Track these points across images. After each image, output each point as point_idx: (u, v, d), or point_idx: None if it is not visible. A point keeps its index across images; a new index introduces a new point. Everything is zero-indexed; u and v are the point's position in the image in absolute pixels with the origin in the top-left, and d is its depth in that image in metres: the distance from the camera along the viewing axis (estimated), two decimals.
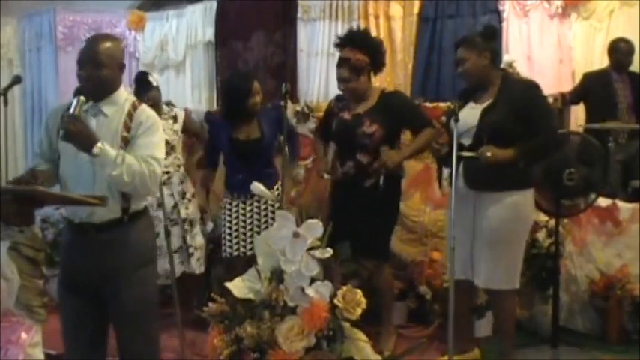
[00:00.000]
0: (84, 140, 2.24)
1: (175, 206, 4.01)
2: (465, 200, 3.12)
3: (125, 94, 2.46)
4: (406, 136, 4.22)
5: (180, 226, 4.02)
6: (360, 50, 3.51)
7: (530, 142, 3.04)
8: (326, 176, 3.69)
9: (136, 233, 2.42)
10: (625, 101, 4.89)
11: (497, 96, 3.11)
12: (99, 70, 2.34)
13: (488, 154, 3.00)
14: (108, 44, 2.39)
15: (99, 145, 2.24)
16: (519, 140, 3.03)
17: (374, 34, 5.58)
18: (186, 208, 4.08)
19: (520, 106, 3.04)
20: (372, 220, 3.48)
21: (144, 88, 4.00)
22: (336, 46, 3.64)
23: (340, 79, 3.53)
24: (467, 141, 3.13)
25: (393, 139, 3.55)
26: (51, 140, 2.44)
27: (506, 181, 3.08)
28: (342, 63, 3.52)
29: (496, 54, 3.23)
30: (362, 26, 5.57)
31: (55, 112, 2.49)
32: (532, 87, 3.20)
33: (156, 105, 3.99)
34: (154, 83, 4.08)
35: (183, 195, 4.09)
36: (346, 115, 3.58)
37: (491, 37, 3.25)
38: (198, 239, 4.12)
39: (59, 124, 2.32)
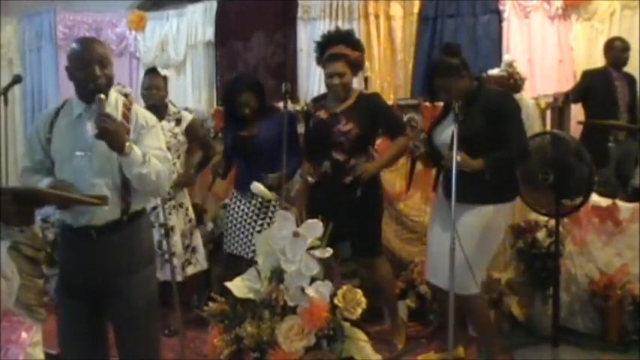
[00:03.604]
0: (118, 139, 2.23)
1: (155, 209, 3.78)
2: (443, 208, 3.13)
3: (115, 94, 2.45)
4: None
5: (157, 230, 3.70)
6: (354, 49, 3.58)
7: (498, 153, 3.02)
8: (310, 179, 3.67)
9: (136, 234, 2.42)
10: (624, 99, 4.92)
11: (472, 107, 3.08)
12: (106, 69, 2.35)
13: (458, 158, 2.88)
14: (104, 46, 2.43)
15: (129, 144, 2.25)
16: (490, 148, 3.03)
17: (374, 33, 5.61)
18: (169, 214, 3.92)
19: (494, 115, 3.04)
20: (357, 217, 3.47)
21: (146, 74, 4.04)
22: (330, 42, 3.64)
23: (335, 74, 3.52)
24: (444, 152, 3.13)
25: (367, 139, 3.57)
26: (44, 148, 2.41)
27: (481, 194, 3.04)
28: (337, 58, 3.53)
29: (468, 66, 3.19)
30: (362, 26, 5.60)
31: (43, 119, 2.45)
32: (506, 96, 3.22)
33: (155, 90, 3.99)
34: (162, 73, 4.10)
35: (167, 200, 3.94)
36: (322, 115, 3.60)
37: (459, 53, 3.19)
38: (178, 247, 3.97)
39: (47, 130, 2.37)
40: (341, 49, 3.56)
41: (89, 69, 2.31)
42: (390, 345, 3.60)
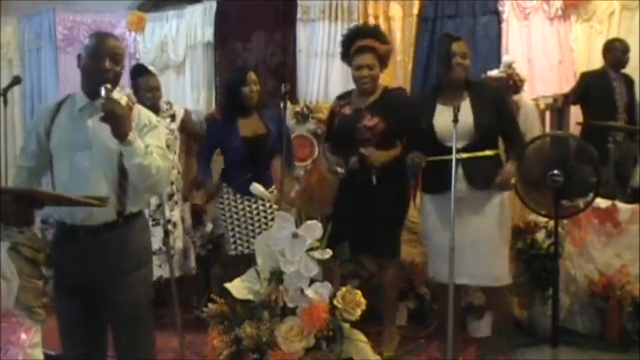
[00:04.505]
0: (123, 125, 2.20)
1: (160, 206, 3.83)
2: (461, 201, 3.05)
3: (118, 93, 2.43)
4: None
5: (162, 226, 3.81)
6: (382, 42, 3.58)
7: (516, 150, 3.24)
8: (340, 170, 3.54)
9: (132, 235, 2.39)
10: (622, 100, 4.92)
11: (473, 97, 3.16)
12: (117, 65, 2.35)
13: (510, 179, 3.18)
14: (120, 42, 2.44)
15: (132, 134, 2.22)
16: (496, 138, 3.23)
17: None
18: (172, 210, 4.01)
19: (495, 107, 3.18)
20: (379, 215, 3.47)
21: (143, 76, 4.02)
22: (358, 35, 3.63)
23: (364, 66, 3.50)
24: (451, 143, 2.99)
25: (394, 134, 3.51)
26: (41, 142, 2.39)
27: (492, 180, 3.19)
28: (366, 50, 3.51)
29: None
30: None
31: (44, 111, 2.45)
32: (500, 90, 3.40)
33: (156, 92, 4.00)
34: (152, 70, 4.12)
35: (170, 196, 4.03)
36: (347, 111, 3.59)
37: None
38: (178, 243, 4.05)
39: (48, 123, 2.36)
40: (369, 42, 3.55)
41: (101, 61, 2.30)
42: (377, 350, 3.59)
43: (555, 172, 3.34)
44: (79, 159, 2.30)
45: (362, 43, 3.54)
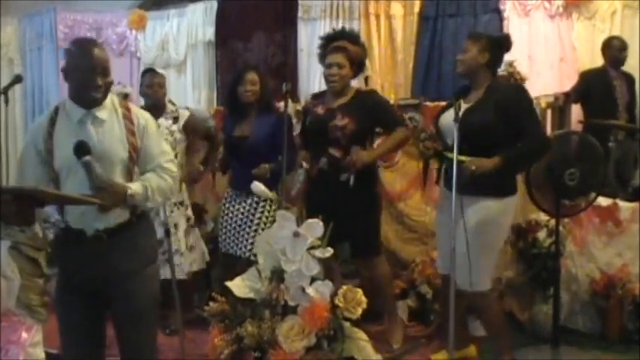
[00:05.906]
0: (117, 196, 2.24)
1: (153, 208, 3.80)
2: (448, 200, 3.02)
3: (110, 96, 2.39)
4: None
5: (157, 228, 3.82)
6: (355, 44, 3.63)
7: (515, 148, 3.01)
8: (304, 165, 3.64)
9: (143, 233, 2.43)
10: (623, 99, 4.92)
11: (482, 97, 3.12)
12: (107, 77, 2.31)
13: (473, 168, 2.93)
14: (105, 51, 2.36)
15: (129, 192, 2.26)
16: (501, 143, 3.02)
17: (374, 33, 5.62)
18: (171, 212, 3.95)
19: (505, 108, 3.03)
20: (354, 215, 3.44)
21: (147, 73, 4.08)
22: (332, 38, 3.69)
23: (334, 64, 3.54)
24: (451, 140, 3.00)
25: (364, 135, 3.53)
26: (43, 161, 2.31)
27: (485, 187, 3.01)
28: (337, 50, 3.57)
29: (496, 62, 3.22)
30: (362, 26, 5.60)
31: (37, 129, 2.36)
32: (519, 90, 3.24)
33: (158, 88, 4.02)
34: (160, 71, 4.16)
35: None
36: (319, 110, 3.60)
37: (502, 46, 3.23)
38: (182, 244, 4.01)
39: (46, 139, 2.31)
40: (342, 43, 3.60)
41: (91, 78, 2.26)
42: (387, 345, 3.60)
43: (572, 170, 3.33)
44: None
45: (335, 44, 3.61)
